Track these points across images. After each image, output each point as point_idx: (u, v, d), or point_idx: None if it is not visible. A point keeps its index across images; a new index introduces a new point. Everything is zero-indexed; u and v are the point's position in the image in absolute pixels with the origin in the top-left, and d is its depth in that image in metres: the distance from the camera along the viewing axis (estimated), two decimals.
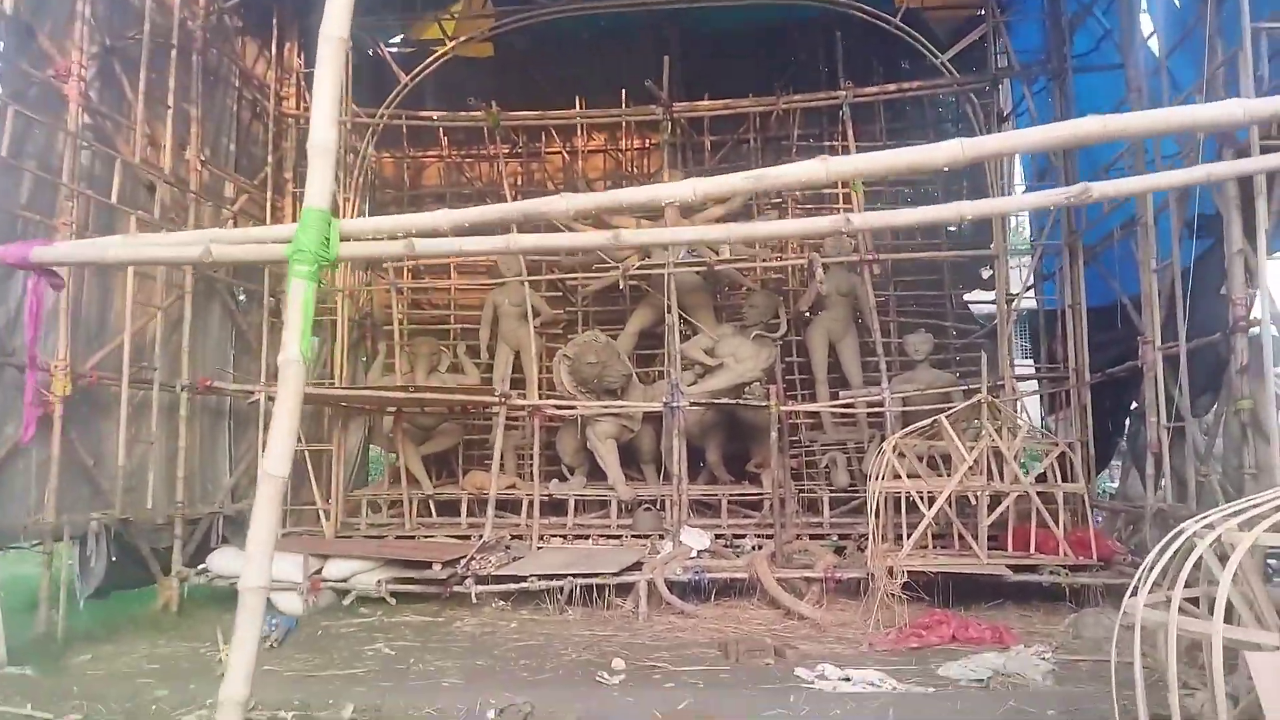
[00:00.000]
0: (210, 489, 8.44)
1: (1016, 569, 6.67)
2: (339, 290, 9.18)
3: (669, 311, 8.34)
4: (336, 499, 9.01)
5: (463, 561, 7.18)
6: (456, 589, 7.13)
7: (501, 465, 9.91)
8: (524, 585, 7.02)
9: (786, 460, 8.10)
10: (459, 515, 9.04)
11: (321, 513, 8.89)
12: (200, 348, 8.32)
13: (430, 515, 9.29)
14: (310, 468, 8.93)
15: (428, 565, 7.28)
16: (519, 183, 11.63)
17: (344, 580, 7.42)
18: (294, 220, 8.58)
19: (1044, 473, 7.06)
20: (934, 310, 10.32)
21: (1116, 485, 8.74)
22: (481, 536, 7.69)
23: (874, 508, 6.65)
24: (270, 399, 8.64)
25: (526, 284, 9.26)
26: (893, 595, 6.23)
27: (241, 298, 9.09)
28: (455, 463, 10.15)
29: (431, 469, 10.40)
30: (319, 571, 7.42)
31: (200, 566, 7.50)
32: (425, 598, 7.30)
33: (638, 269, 8.77)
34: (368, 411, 9.37)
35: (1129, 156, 7.04)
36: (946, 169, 2.84)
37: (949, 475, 7.49)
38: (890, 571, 6.36)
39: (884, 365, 8.04)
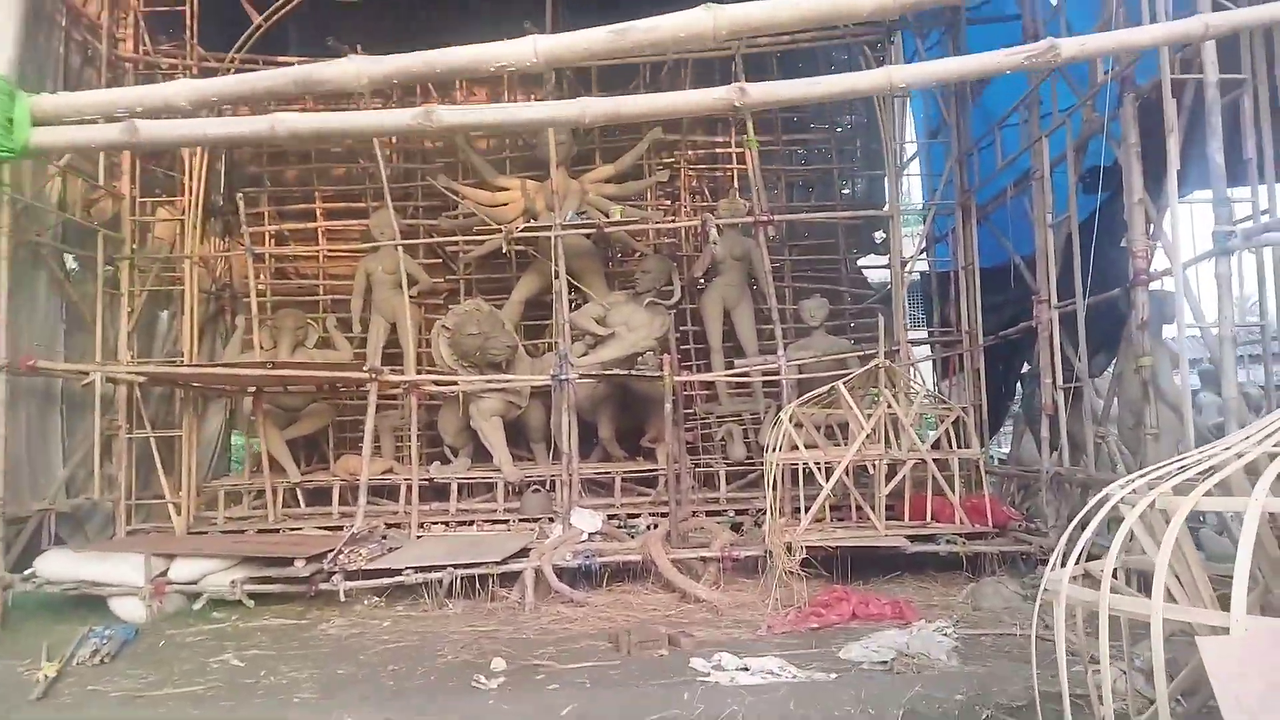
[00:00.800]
0: (41, 482, 7.49)
1: (914, 539, 6.54)
2: (186, 257, 8.26)
3: (556, 278, 7.83)
4: (189, 491, 8.20)
5: (329, 556, 6.55)
6: (323, 587, 6.50)
7: (377, 448, 9.31)
8: (399, 579, 6.46)
9: (681, 434, 7.77)
10: (331, 504, 8.35)
11: (171, 507, 8.06)
12: (24, 323, 7.33)
13: (299, 505, 8.57)
14: (158, 457, 8.07)
15: (289, 562, 6.62)
16: (396, 140, 10.81)
17: (194, 582, 6.67)
18: (130, 176, 7.66)
19: (939, 439, 6.94)
20: (828, 275, 10.15)
21: (1009, 450, 8.77)
22: (353, 527, 7.04)
23: (771, 481, 6.38)
24: (110, 380, 7.77)
25: (401, 249, 8.56)
26: (791, 573, 5.98)
27: (73, 265, 8.07)
28: (326, 447, 9.42)
29: (300, 454, 9.65)
30: (164, 573, 6.66)
31: (27, 571, 6.61)
32: (289, 598, 6.65)
33: (522, 232, 8.21)
34: (226, 393, 8.53)
35: (1024, 110, 6.92)
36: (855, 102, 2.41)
37: (847, 445, 7.33)
38: (788, 548, 6.11)
39: (780, 332, 7.75)
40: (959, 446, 6.95)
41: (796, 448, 6.62)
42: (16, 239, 6.93)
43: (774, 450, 6.50)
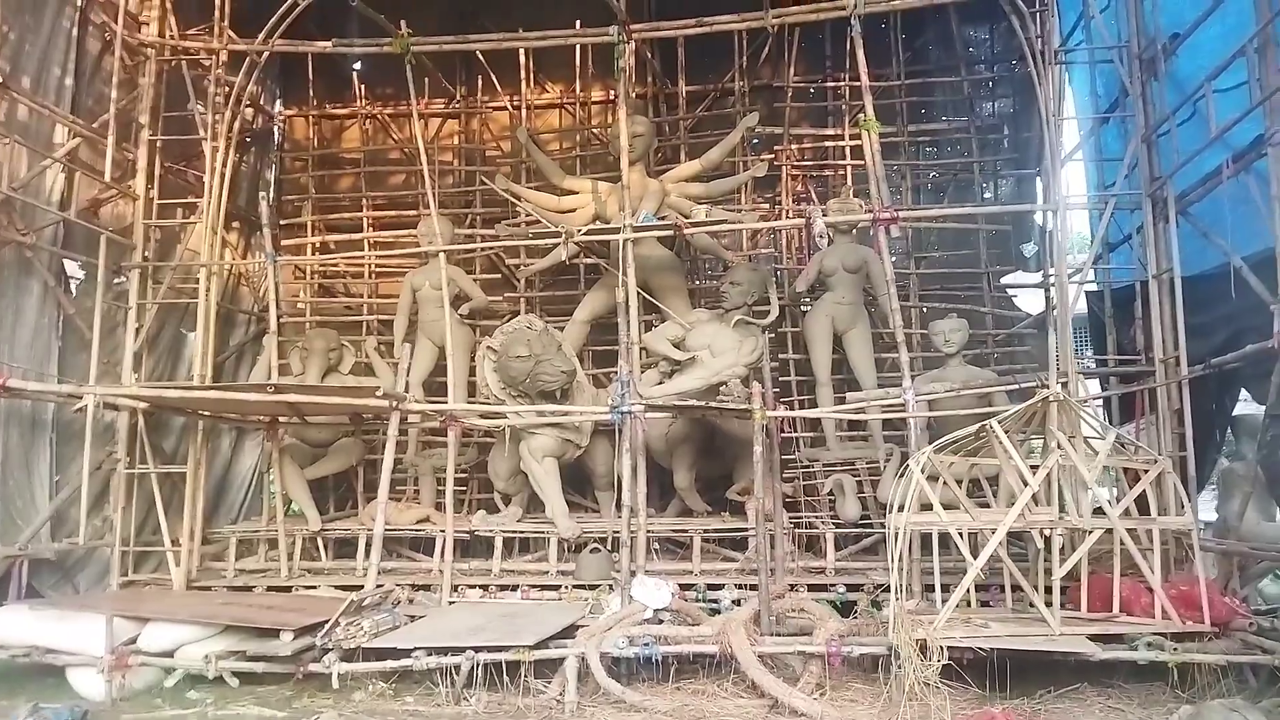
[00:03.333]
0: (20, 524, 6.61)
1: (1100, 640, 4.86)
2: (202, 265, 7.35)
3: (622, 288, 6.52)
4: (194, 538, 7.18)
5: (323, 629, 5.33)
6: (313, 668, 5.28)
7: (416, 493, 8.16)
8: (408, 663, 5.18)
9: (778, 485, 6.27)
10: (356, 558, 7.19)
11: (170, 556, 7.05)
12: (8, 338, 6.55)
13: (322, 556, 7.45)
14: (158, 495, 7.11)
15: (277, 633, 5.45)
16: (458, 143, 9.86)
17: (169, 653, 5.58)
18: (147, 175, 6.82)
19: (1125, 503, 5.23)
20: (964, 296, 8.50)
21: (1215, 516, 6.87)
22: (358, 594, 5.80)
23: (896, 551, 4.83)
24: (109, 406, 6.88)
25: (446, 261, 7.44)
26: (926, 684, 4.41)
27: (77, 275, 7.29)
28: (356, 490, 8.34)
29: (329, 497, 8.61)
30: (133, 641, 5.58)
31: None
32: (280, 677, 5.48)
33: (588, 235, 6.94)
34: (242, 424, 7.54)
35: (1251, 56, 5.26)
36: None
37: (998, 505, 5.70)
38: (922, 646, 4.54)
39: (906, 360, 6.20)
40: (1148, 512, 5.23)
41: (930, 507, 5.04)
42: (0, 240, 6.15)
43: (900, 510, 4.96)
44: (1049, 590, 4.98)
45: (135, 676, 5.54)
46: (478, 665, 5.11)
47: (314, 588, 6.91)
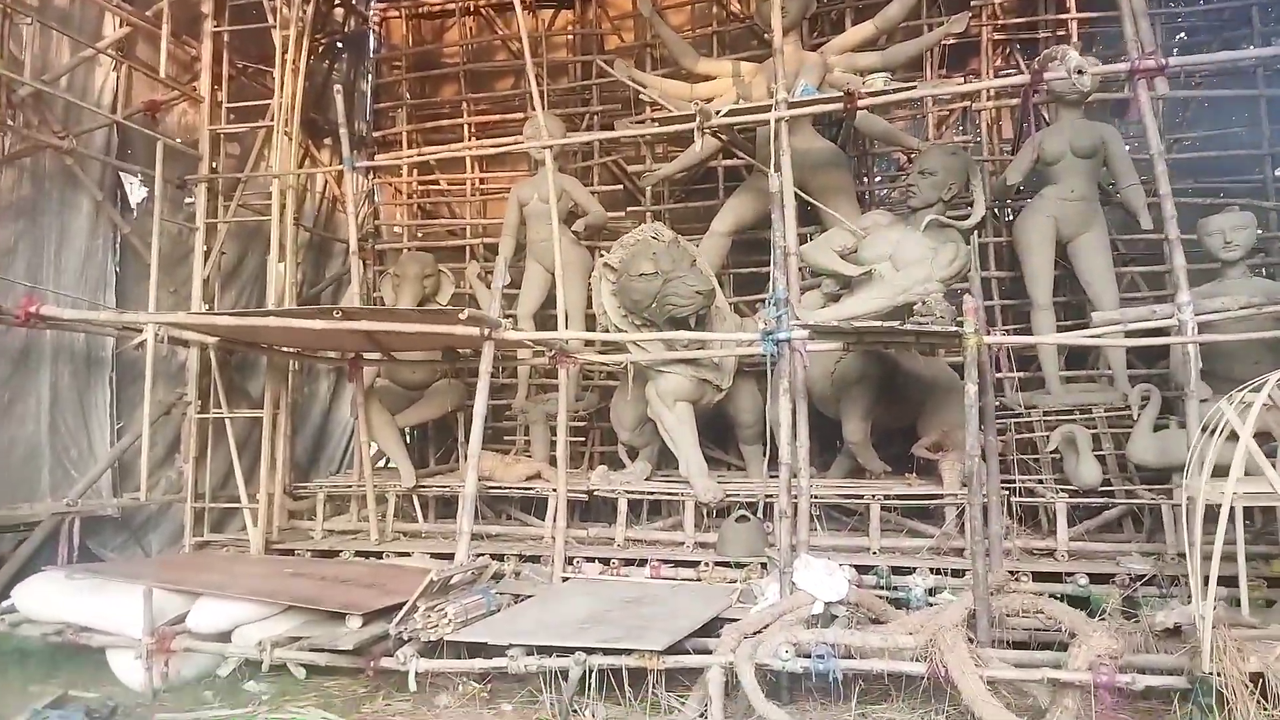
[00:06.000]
0: (71, 474, 5.92)
1: None
2: (275, 176, 6.39)
3: (777, 179, 5.06)
4: (277, 493, 6.34)
5: (399, 615, 4.27)
6: (385, 663, 4.25)
7: (527, 443, 7.07)
8: (499, 664, 4.07)
9: (993, 437, 4.74)
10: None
11: (246, 515, 6.23)
12: (52, 261, 5.81)
13: (419, 517, 6.48)
14: (232, 443, 6.29)
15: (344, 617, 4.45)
16: (572, 38, 8.56)
17: (225, 635, 4.68)
18: (213, 74, 5.79)
19: None
20: (1230, 189, 6.55)
21: None
22: (443, 569, 4.70)
23: (1193, 535, 3.30)
24: (175, 342, 6.07)
25: (554, 168, 6.17)
26: None
27: (138, 192, 6.49)
28: (457, 440, 7.33)
29: (430, 448, 7.66)
30: (181, 619, 4.71)
31: (5, 604, 4.93)
32: (354, 670, 4.49)
33: (730, 116, 5.50)
34: (305, 358, 6.58)
35: None
36: None
37: None
38: (1255, 682, 3.02)
39: (1182, 266, 4.50)
40: None
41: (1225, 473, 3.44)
42: (21, 139, 5.31)
43: (1203, 469, 3.39)
44: None
45: (185, 662, 4.68)
46: (591, 671, 3.93)
47: (408, 554, 5.95)
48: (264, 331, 5.59)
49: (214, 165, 6.67)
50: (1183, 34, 6.89)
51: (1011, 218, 7.00)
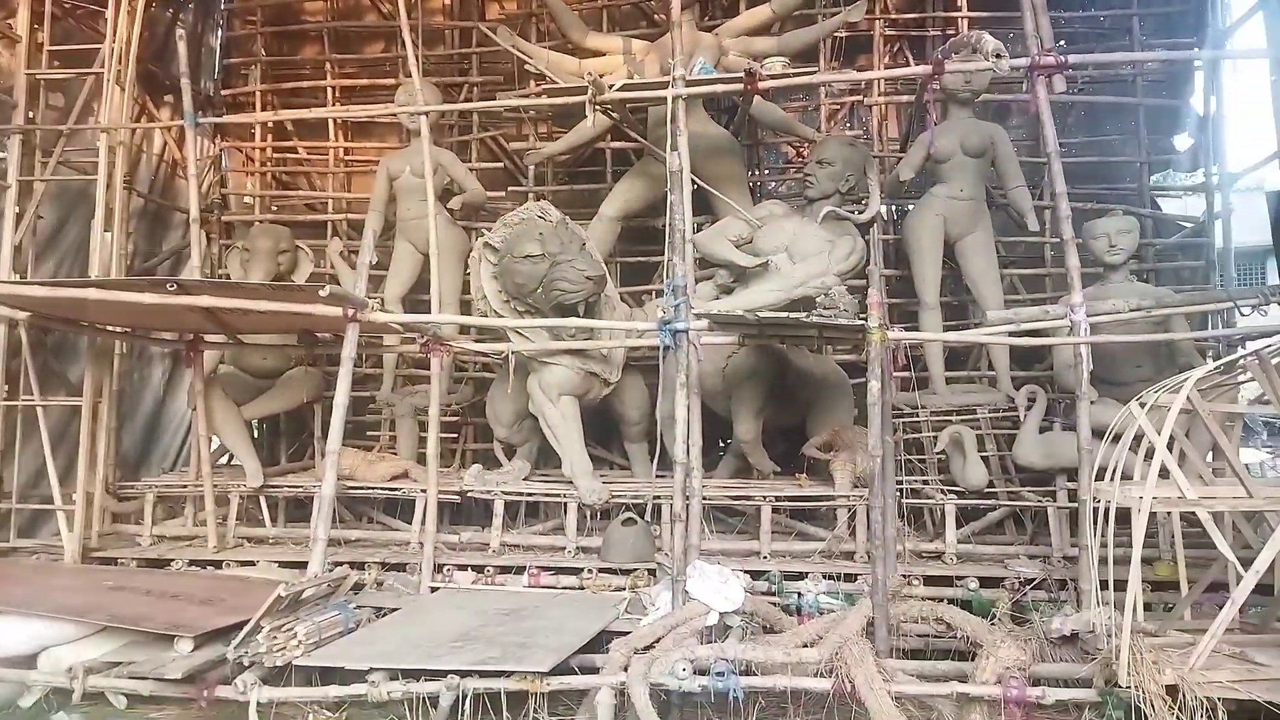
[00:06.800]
0: None
1: None
2: (104, 129, 5.62)
3: (674, 159, 4.76)
4: (97, 493, 5.60)
5: (240, 635, 3.74)
6: (221, 693, 3.71)
7: (392, 440, 6.57)
8: (356, 691, 3.62)
9: (890, 438, 4.62)
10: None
11: (60, 518, 5.46)
12: None
13: (268, 521, 5.86)
14: (45, 436, 5.52)
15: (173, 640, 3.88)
16: (451, 5, 7.99)
17: (28, 659, 4.03)
18: (32, 12, 4.64)
19: None
20: (1105, 196, 6.73)
21: None
22: (292, 582, 4.17)
23: (1097, 537, 3.22)
24: None
25: (429, 140, 5.69)
26: None
27: None
28: (313, 435, 6.72)
29: (280, 442, 7.03)
30: None
31: None
32: (183, 700, 3.91)
33: (623, 91, 5.17)
34: (137, 339, 5.85)
35: None
36: None
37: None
38: (1172, 694, 2.94)
39: (1076, 268, 4.47)
40: None
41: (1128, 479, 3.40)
42: None
43: (1111, 478, 3.31)
44: None
45: None
46: (465, 696, 3.53)
47: (252, 564, 5.35)
48: (86, 307, 4.88)
49: (31, 116, 5.83)
50: (1063, 40, 7.03)
51: (897, 217, 7.00)
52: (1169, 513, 3.72)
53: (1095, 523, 3.65)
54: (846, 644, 3.49)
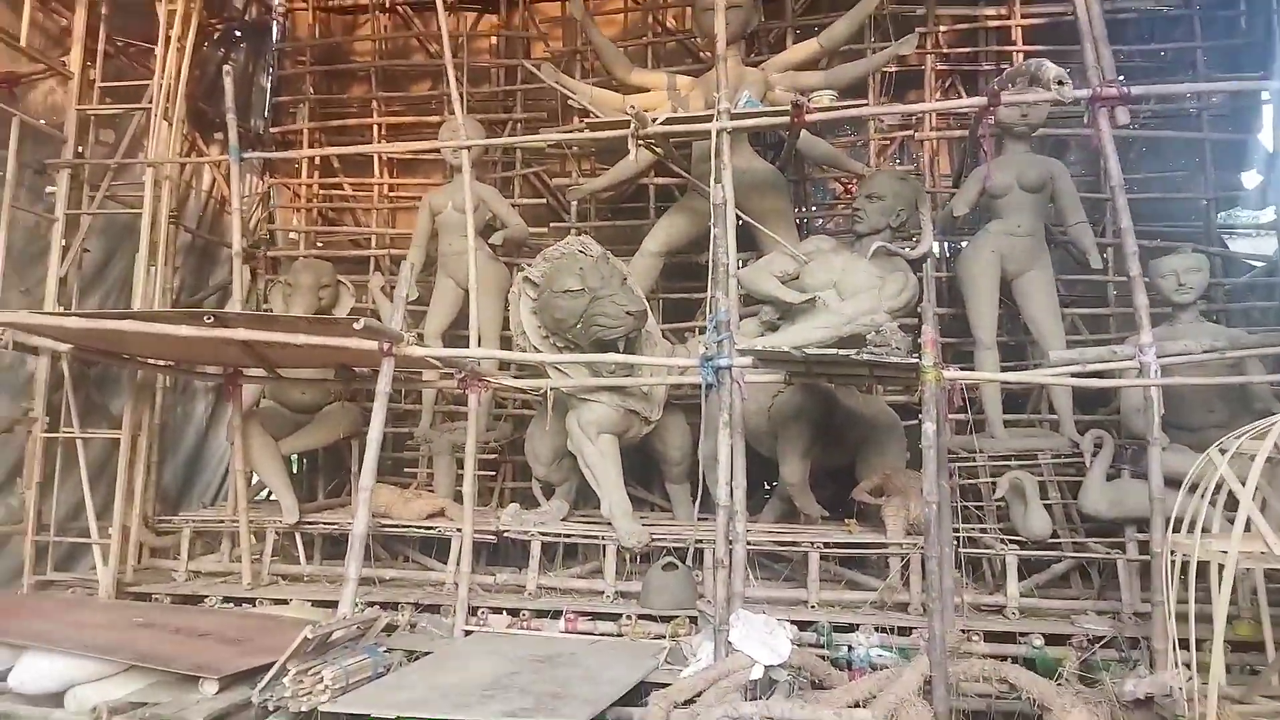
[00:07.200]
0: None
1: None
2: (150, 165, 5.69)
3: (718, 192, 4.65)
4: (134, 527, 5.57)
5: (266, 677, 3.62)
6: None
7: (430, 477, 6.47)
8: None
9: (945, 483, 4.39)
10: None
11: (96, 550, 5.43)
12: None
13: (303, 558, 5.77)
14: (83, 467, 5.52)
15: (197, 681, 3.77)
16: (497, 44, 8.07)
17: (55, 696, 3.94)
18: (85, 48, 4.70)
19: None
20: (1170, 234, 6.47)
21: None
22: (321, 622, 4.05)
23: (1172, 597, 2.97)
24: (20, 348, 5.29)
25: (471, 175, 5.66)
26: None
27: None
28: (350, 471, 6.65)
29: (319, 478, 6.97)
30: (1, 677, 3.96)
31: None
32: None
33: (661, 124, 5.10)
34: (176, 371, 5.84)
35: None
36: None
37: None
38: None
39: (1144, 306, 4.25)
40: None
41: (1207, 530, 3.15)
42: None
43: (1189, 530, 3.07)
44: None
45: None
46: None
47: (285, 601, 5.25)
48: (127, 339, 4.88)
49: (80, 150, 5.92)
50: (1122, 76, 6.85)
51: (951, 254, 6.80)
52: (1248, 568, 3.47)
53: (1171, 577, 3.42)
54: (903, 704, 3.26)
